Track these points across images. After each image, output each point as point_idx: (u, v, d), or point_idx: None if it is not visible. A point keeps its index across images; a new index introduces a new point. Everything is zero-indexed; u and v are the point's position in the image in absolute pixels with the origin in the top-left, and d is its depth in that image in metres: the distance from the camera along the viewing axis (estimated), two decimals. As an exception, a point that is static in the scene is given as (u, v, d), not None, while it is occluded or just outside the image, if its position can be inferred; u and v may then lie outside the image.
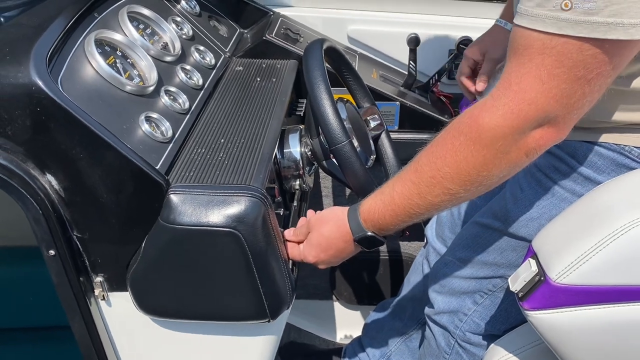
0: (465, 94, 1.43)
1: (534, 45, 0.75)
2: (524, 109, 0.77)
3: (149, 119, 0.99)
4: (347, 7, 1.66)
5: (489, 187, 0.87)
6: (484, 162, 0.82)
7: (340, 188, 1.66)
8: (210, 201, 0.90)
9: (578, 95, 0.76)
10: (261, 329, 1.05)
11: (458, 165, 0.83)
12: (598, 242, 0.83)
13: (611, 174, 0.96)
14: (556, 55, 0.74)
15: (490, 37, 1.33)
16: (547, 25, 0.73)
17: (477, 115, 0.82)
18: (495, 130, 0.79)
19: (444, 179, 0.85)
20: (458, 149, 0.83)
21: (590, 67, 0.74)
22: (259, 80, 1.29)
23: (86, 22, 1.05)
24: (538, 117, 0.78)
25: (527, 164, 0.85)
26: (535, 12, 0.73)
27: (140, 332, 1.07)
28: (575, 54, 0.73)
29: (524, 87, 0.77)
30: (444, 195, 0.86)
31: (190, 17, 1.37)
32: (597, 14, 0.70)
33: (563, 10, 0.71)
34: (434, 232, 1.44)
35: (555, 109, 0.77)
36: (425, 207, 0.88)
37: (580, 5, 0.70)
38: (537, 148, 0.81)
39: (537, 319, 0.89)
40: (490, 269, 1.13)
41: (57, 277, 0.98)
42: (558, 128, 0.80)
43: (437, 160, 0.85)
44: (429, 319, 1.27)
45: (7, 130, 0.87)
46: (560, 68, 0.74)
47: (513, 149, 0.81)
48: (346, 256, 1.00)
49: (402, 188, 0.89)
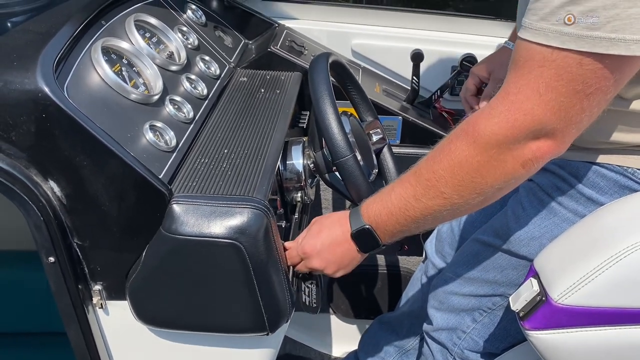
0: (467, 111, 1.43)
1: (535, 57, 0.76)
2: (519, 119, 0.78)
3: (153, 127, 0.99)
4: (352, 21, 1.67)
5: (486, 199, 0.86)
6: (477, 168, 0.82)
7: (340, 200, 1.66)
8: (213, 212, 0.90)
9: (576, 109, 0.77)
10: (259, 342, 1.04)
11: (452, 169, 0.84)
12: (600, 264, 0.83)
13: (613, 196, 0.96)
14: (556, 68, 0.74)
15: (498, 58, 1.34)
16: (549, 38, 0.73)
17: (473, 121, 0.83)
18: (489, 137, 0.80)
19: (439, 182, 0.85)
20: (454, 152, 0.84)
21: (589, 82, 0.74)
22: (262, 92, 1.29)
23: (93, 30, 1.05)
24: (533, 128, 0.78)
25: (525, 177, 0.85)
26: (538, 26, 0.74)
27: (137, 342, 1.06)
28: (575, 67, 0.73)
29: (521, 98, 0.77)
30: (438, 199, 0.86)
31: (196, 27, 1.38)
32: (600, 29, 0.70)
33: (566, 24, 0.72)
34: (433, 247, 1.44)
35: (552, 121, 0.77)
36: (421, 211, 0.88)
37: (583, 20, 0.71)
38: (534, 160, 0.81)
39: (537, 339, 0.88)
40: (490, 286, 1.13)
41: (56, 284, 0.97)
42: (556, 141, 0.80)
43: (434, 164, 0.86)
44: (427, 336, 1.27)
45: (11, 135, 0.87)
46: (559, 81, 0.75)
47: (508, 158, 0.81)
48: (345, 252, 0.97)
49: (400, 189, 0.90)
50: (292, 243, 1.02)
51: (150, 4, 1.28)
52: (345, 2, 2.66)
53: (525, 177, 0.85)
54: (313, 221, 1.02)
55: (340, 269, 1.00)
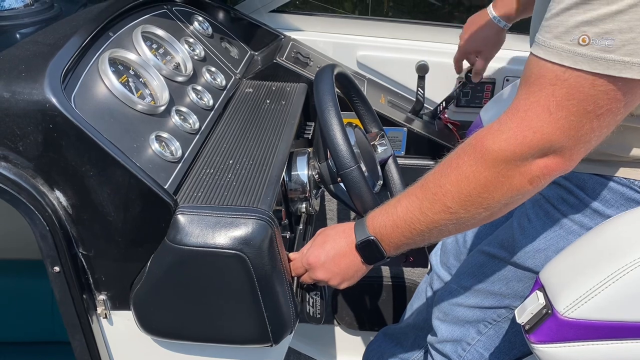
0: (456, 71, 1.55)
1: (547, 75, 0.76)
2: (528, 136, 0.78)
3: (159, 138, 1.00)
4: (357, 33, 1.68)
5: (492, 214, 0.86)
6: (484, 184, 0.82)
7: (345, 211, 1.66)
8: (218, 223, 0.90)
9: (586, 129, 0.76)
10: (263, 353, 1.04)
11: (459, 183, 0.83)
12: (606, 277, 0.82)
13: (620, 208, 0.95)
14: (567, 88, 0.74)
15: (482, 32, 1.44)
16: (563, 58, 0.73)
17: (482, 136, 0.82)
18: (497, 153, 0.80)
19: (445, 196, 0.85)
20: (461, 167, 0.84)
21: (600, 103, 0.74)
22: (268, 103, 1.30)
23: (101, 41, 1.06)
24: (542, 146, 0.78)
25: (532, 194, 0.84)
26: (552, 44, 0.74)
27: (141, 352, 1.06)
28: (587, 88, 0.73)
29: (531, 115, 0.77)
30: (444, 213, 0.86)
31: (203, 38, 1.39)
32: (614, 51, 0.70)
33: (580, 45, 0.72)
34: (438, 259, 1.43)
35: (561, 140, 0.77)
36: (426, 224, 0.88)
37: (598, 42, 0.71)
38: (542, 177, 0.81)
39: (543, 353, 0.88)
40: (495, 298, 1.12)
41: (60, 293, 0.97)
42: (564, 159, 0.80)
43: (441, 178, 0.86)
44: (432, 347, 1.26)
45: (18, 145, 0.88)
46: (570, 100, 0.75)
47: (515, 174, 0.81)
48: (350, 263, 0.97)
49: (406, 202, 0.90)
50: (297, 254, 1.02)
51: (157, 15, 1.29)
52: (350, 14, 2.67)
53: (532, 194, 0.84)
54: (318, 232, 1.02)
55: (344, 280, 0.99)
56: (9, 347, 1.65)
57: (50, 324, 1.59)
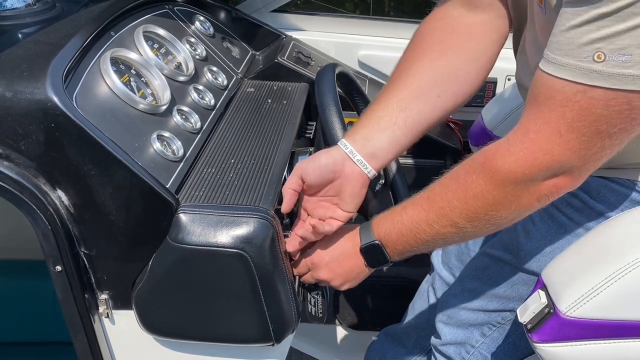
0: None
1: (557, 97, 0.73)
2: (539, 158, 0.77)
3: (161, 137, 1.00)
4: (359, 33, 1.68)
5: (498, 227, 0.87)
6: (493, 203, 0.82)
7: (346, 211, 1.66)
8: (219, 221, 0.90)
9: (597, 147, 0.75)
10: (265, 353, 1.04)
11: (467, 201, 0.83)
12: (609, 276, 0.82)
13: (624, 210, 0.95)
14: (578, 110, 0.72)
15: (330, 174, 0.96)
16: (577, 75, 0.71)
17: (491, 156, 0.82)
18: (507, 174, 0.79)
19: (452, 212, 0.85)
20: (470, 185, 0.83)
21: (614, 122, 0.72)
22: (269, 102, 1.30)
23: (102, 41, 1.06)
24: (553, 167, 0.77)
25: (538, 208, 0.84)
26: (564, 62, 0.72)
27: (143, 352, 1.06)
28: (600, 109, 0.71)
29: (541, 137, 0.76)
30: (451, 227, 0.86)
31: (204, 38, 1.39)
32: (632, 67, 0.68)
33: (595, 61, 0.69)
34: (440, 259, 1.43)
35: (571, 160, 0.76)
36: (432, 235, 0.88)
37: (614, 57, 0.68)
38: (550, 195, 0.81)
39: (545, 352, 0.88)
40: (499, 301, 1.11)
41: (62, 293, 0.97)
42: (573, 177, 0.79)
43: (449, 193, 0.86)
44: (435, 350, 1.25)
45: (20, 145, 0.88)
46: (582, 122, 0.73)
47: (525, 194, 0.80)
48: (353, 265, 0.97)
49: (412, 212, 0.90)
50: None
51: (159, 15, 1.30)
52: (352, 13, 2.67)
53: (538, 208, 0.84)
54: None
55: (346, 281, 1.00)
56: (9, 348, 1.66)
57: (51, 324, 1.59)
